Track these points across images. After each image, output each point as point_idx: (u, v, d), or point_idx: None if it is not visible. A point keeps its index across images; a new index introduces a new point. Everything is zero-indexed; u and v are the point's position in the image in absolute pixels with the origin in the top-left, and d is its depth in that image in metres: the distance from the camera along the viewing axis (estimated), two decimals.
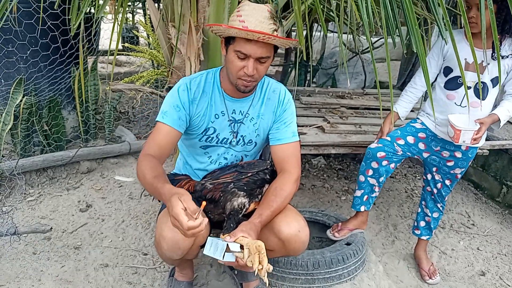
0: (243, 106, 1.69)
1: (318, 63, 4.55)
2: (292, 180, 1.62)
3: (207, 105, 1.66)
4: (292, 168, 1.64)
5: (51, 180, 2.97)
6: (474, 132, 1.88)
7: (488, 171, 3.26)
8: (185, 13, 1.98)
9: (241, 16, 1.46)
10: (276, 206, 1.56)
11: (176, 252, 1.54)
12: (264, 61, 1.51)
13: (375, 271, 2.20)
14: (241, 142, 1.74)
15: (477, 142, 1.93)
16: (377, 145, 2.08)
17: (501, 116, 1.95)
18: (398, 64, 4.43)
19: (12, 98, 2.87)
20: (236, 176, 1.66)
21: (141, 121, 3.79)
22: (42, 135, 3.02)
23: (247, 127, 1.71)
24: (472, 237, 2.76)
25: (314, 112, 2.98)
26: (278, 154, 1.68)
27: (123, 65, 5.89)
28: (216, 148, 1.74)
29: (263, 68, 1.53)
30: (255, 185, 1.65)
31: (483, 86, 1.96)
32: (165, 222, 1.51)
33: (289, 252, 1.62)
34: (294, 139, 1.69)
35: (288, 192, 1.60)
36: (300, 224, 1.60)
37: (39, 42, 2.89)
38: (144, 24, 2.64)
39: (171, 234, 1.49)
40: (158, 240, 1.55)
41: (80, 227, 2.49)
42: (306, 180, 3.27)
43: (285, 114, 1.71)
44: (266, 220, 1.53)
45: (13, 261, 2.15)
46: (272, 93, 1.71)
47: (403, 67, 4.06)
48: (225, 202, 1.61)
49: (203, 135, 1.71)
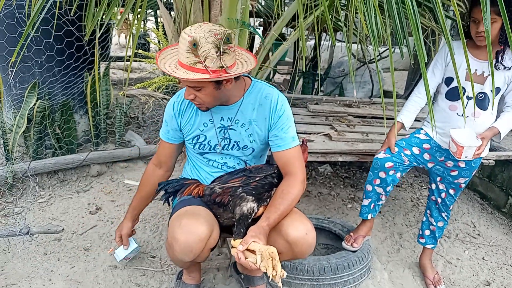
0: (230, 113, 1.72)
1: (325, 72, 4.59)
2: (298, 182, 1.65)
3: (193, 114, 1.75)
4: (297, 171, 1.67)
5: (61, 182, 3.02)
6: (476, 148, 1.90)
7: (494, 182, 3.27)
8: (197, 21, 2.04)
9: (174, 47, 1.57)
10: (283, 209, 1.59)
11: (188, 255, 1.58)
12: (198, 89, 1.54)
13: (380, 278, 2.22)
14: (236, 147, 1.77)
15: (479, 156, 1.95)
16: (385, 155, 2.11)
17: (501, 129, 1.97)
18: (405, 74, 4.47)
19: (26, 102, 2.94)
20: (245, 180, 1.70)
21: (151, 126, 3.84)
22: (54, 138, 3.08)
23: (238, 132, 1.74)
24: (477, 247, 2.76)
25: (322, 120, 3.02)
26: (281, 160, 1.71)
27: (134, 71, 5.98)
28: (212, 155, 1.80)
29: (203, 95, 1.55)
30: (263, 189, 1.68)
31: (484, 97, 1.98)
32: (177, 225, 1.57)
33: (296, 254, 1.65)
34: (295, 144, 1.70)
35: (294, 195, 1.63)
36: (307, 227, 1.63)
37: (55, 47, 2.96)
38: (157, 31, 2.69)
39: (184, 236, 1.53)
40: (171, 242, 1.59)
41: (89, 229, 2.54)
42: (313, 188, 3.30)
43: (280, 120, 1.69)
44: (274, 222, 1.57)
45: (25, 261, 2.20)
46: (264, 99, 1.69)
47: (410, 77, 4.09)
48: (234, 206, 1.65)
49: (196, 143, 1.78)
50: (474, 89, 1.94)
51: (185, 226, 1.55)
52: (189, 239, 1.53)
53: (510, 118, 1.98)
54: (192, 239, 1.53)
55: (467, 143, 1.89)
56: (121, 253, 2.04)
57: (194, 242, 1.53)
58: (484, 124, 2.00)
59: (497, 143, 2.97)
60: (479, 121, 1.99)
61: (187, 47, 1.42)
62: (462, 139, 1.91)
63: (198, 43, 1.41)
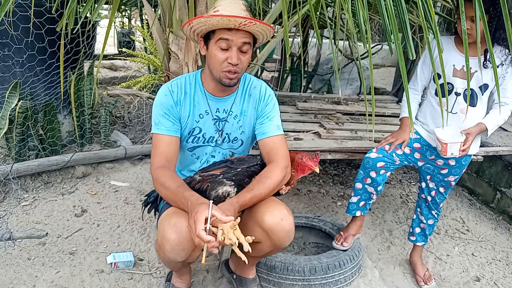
0: (226, 105, 1.73)
1: (313, 69, 4.57)
2: (278, 168, 1.61)
3: (191, 105, 1.70)
4: (280, 158, 1.64)
5: (46, 184, 2.95)
6: (460, 143, 1.89)
7: (482, 177, 3.29)
8: (183, 19, 1.99)
9: (218, 10, 1.51)
10: (257, 191, 1.54)
11: (179, 254, 1.53)
12: (246, 50, 1.57)
13: (371, 276, 2.21)
14: (227, 139, 1.77)
15: (466, 152, 1.94)
16: (377, 155, 2.09)
17: (488, 125, 1.96)
18: (393, 70, 4.47)
19: (7, 102, 2.86)
20: (225, 171, 1.67)
21: (137, 126, 3.78)
22: (37, 140, 3.01)
23: (231, 124, 1.75)
24: (467, 242, 2.77)
25: (310, 118, 3.00)
26: (265, 147, 1.70)
27: (119, 69, 5.89)
28: (203, 148, 1.78)
29: (245, 59, 1.59)
30: (243, 175, 1.64)
31: (471, 93, 1.98)
32: (167, 225, 1.52)
33: (275, 242, 1.60)
34: (279, 132, 1.72)
35: (273, 180, 1.58)
36: (282, 213, 1.58)
37: (36, 46, 2.88)
38: (142, 29, 2.64)
39: (175, 235, 1.49)
40: (161, 242, 1.54)
41: (75, 232, 2.48)
42: (302, 186, 3.28)
43: (267, 108, 1.74)
44: (244, 201, 1.51)
45: (7, 267, 2.13)
46: (253, 89, 1.75)
47: (398, 74, 4.09)
48: (211, 190, 1.60)
49: (190, 136, 1.74)
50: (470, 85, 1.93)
51: (175, 225, 1.50)
52: (180, 237, 1.48)
53: (497, 115, 1.98)
54: (183, 237, 1.48)
55: (450, 140, 1.89)
56: (116, 258, 2.12)
57: (186, 239, 1.48)
58: (473, 120, 2.00)
59: (485, 139, 2.98)
60: (468, 118, 1.99)
61: (245, 7, 1.53)
62: (446, 136, 1.91)
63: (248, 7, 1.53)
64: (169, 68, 2.15)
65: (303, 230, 2.50)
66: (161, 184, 1.57)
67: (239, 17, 1.46)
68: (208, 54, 1.60)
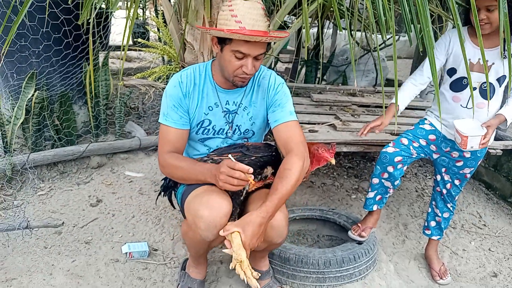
0: (236, 97, 1.73)
1: (328, 60, 4.52)
2: (297, 157, 1.56)
3: (200, 97, 1.70)
4: (297, 147, 1.59)
5: (61, 174, 2.98)
6: (481, 137, 1.85)
7: (500, 171, 3.22)
8: (198, 8, 1.98)
9: (237, 16, 1.48)
10: (282, 189, 1.50)
11: (211, 232, 1.53)
12: (260, 57, 1.56)
13: (386, 270, 2.19)
14: (237, 131, 1.77)
15: (485, 146, 1.90)
16: (395, 150, 2.06)
17: (508, 116, 1.92)
18: (409, 62, 4.40)
19: (24, 93, 2.89)
20: (240, 157, 1.65)
21: (151, 116, 3.79)
22: (53, 130, 3.03)
23: (241, 116, 1.75)
24: (483, 237, 2.73)
25: (326, 109, 2.96)
26: (280, 135, 1.66)
27: (133, 60, 5.90)
28: (213, 140, 1.78)
29: (259, 63, 1.59)
30: (255, 166, 1.62)
31: (489, 86, 1.93)
32: (199, 203, 1.54)
33: (265, 239, 1.59)
34: (292, 118, 1.68)
35: (294, 171, 1.52)
36: None
37: (52, 36, 2.89)
38: (156, 20, 2.63)
39: (208, 211, 1.51)
40: (193, 221, 1.55)
41: (90, 221, 2.50)
42: (316, 178, 3.26)
43: (277, 96, 1.71)
44: (273, 208, 1.48)
45: (25, 255, 2.17)
46: (262, 79, 1.74)
47: (414, 65, 4.02)
48: None
49: (199, 128, 1.74)
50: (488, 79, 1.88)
51: (208, 202, 1.53)
52: (213, 213, 1.50)
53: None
54: (216, 214, 1.50)
55: (471, 133, 1.85)
56: (131, 247, 2.15)
57: (219, 216, 1.51)
58: (491, 113, 1.95)
59: (503, 133, 2.92)
60: (486, 111, 1.94)
61: (264, 11, 1.50)
62: (466, 129, 1.87)
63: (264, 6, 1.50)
64: (184, 59, 2.14)
65: (317, 223, 2.49)
66: (172, 166, 1.62)
67: (258, 35, 1.46)
68: (221, 56, 1.58)
